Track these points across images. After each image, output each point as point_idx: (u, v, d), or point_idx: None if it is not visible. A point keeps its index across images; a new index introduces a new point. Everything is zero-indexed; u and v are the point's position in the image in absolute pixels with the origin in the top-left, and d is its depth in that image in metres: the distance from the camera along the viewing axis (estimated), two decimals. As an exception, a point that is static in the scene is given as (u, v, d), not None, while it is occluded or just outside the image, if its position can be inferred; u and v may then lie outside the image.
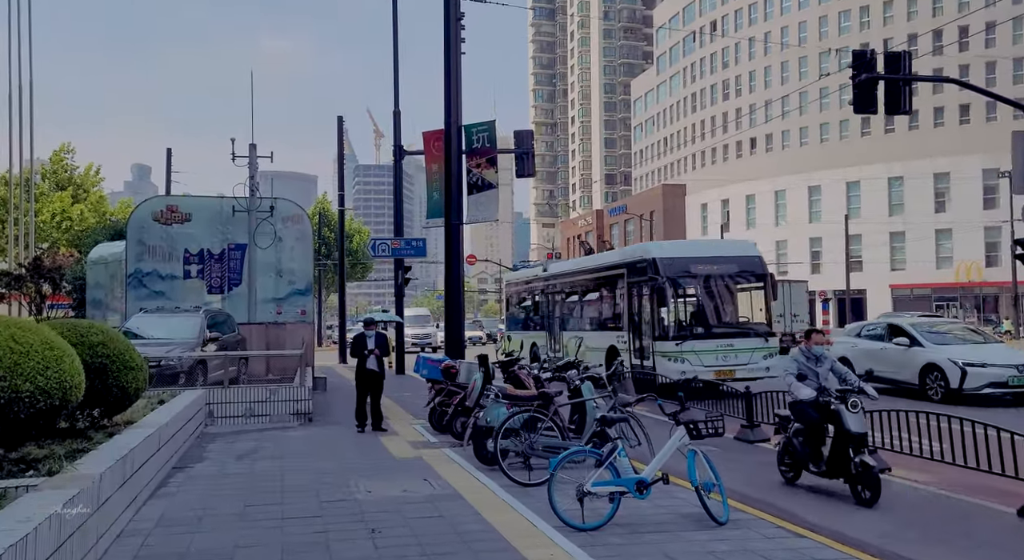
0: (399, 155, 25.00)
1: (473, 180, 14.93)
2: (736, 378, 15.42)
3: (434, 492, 7.94)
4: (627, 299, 17.51)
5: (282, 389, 13.81)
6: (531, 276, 25.52)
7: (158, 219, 19.79)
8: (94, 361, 7.90)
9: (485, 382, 9.66)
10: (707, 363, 15.70)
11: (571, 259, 25.54)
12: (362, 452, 10.55)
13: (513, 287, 27.38)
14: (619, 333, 17.85)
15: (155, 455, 8.15)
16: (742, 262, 17.07)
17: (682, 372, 14.74)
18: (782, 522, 6.63)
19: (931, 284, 64.39)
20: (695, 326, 16.26)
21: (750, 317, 17.09)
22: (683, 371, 14.96)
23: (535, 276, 24.91)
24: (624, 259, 18.26)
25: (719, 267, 16.67)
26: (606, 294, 19.32)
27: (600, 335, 19.05)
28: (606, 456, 6.40)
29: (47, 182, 45.47)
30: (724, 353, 15.94)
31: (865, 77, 18.49)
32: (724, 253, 17.44)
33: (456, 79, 14.24)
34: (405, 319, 40.55)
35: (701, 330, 16.22)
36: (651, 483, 6.41)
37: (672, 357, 15.69)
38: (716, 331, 16.27)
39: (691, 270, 16.47)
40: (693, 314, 16.46)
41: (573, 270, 22.07)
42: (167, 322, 16.32)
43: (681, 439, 6.59)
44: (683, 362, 15.53)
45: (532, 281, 25.10)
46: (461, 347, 14.68)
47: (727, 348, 15.99)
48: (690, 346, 15.74)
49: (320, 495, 7.87)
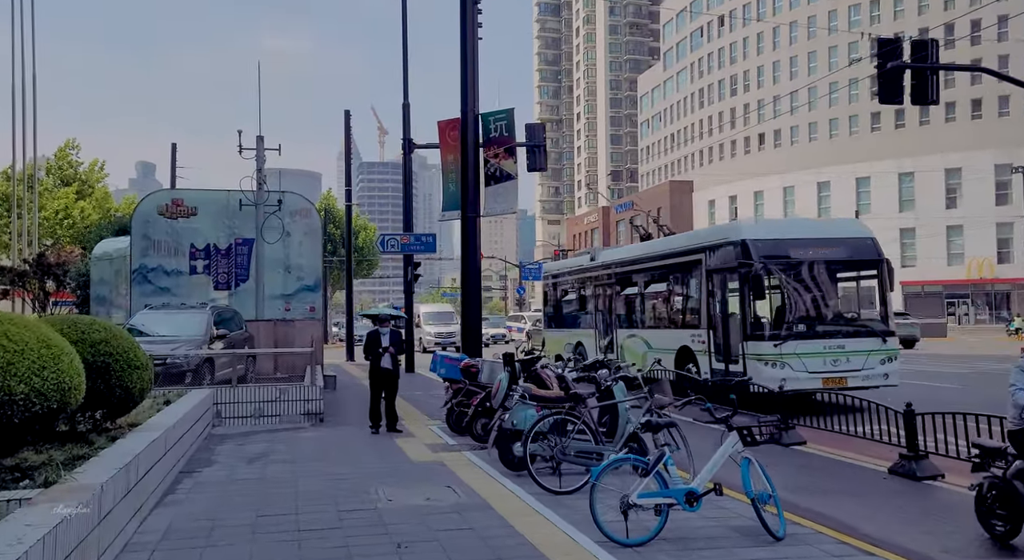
0: (408, 148, 24.46)
1: (491, 171, 14.33)
2: (848, 388, 12.73)
3: (459, 500, 7.41)
4: (706, 290, 14.82)
5: (292, 388, 13.31)
6: (576, 267, 22.54)
7: (163, 213, 19.29)
8: (96, 360, 7.39)
9: (511, 382, 9.12)
10: (813, 369, 13.06)
11: (626, 245, 22.44)
12: (379, 455, 10.03)
13: (553, 280, 24.39)
14: (694, 331, 15.21)
15: (161, 460, 7.64)
16: (852, 245, 14.27)
17: (782, 379, 12.09)
18: (845, 537, 6.09)
19: (942, 281, 63.74)
20: (798, 323, 13.49)
21: (859, 312, 14.61)
22: (783, 378, 12.30)
23: (581, 266, 21.93)
24: (702, 242, 15.43)
25: (825, 251, 13.91)
26: (676, 285, 16.62)
27: (668, 334, 16.44)
28: (653, 464, 5.86)
29: (51, 178, 45.03)
30: (834, 356, 13.28)
31: (892, 66, 17.99)
32: (830, 234, 14.58)
33: (473, 64, 13.67)
34: (425, 316, 40.13)
35: (805, 328, 13.48)
36: (702, 494, 5.87)
37: (770, 361, 13.05)
38: (824, 329, 13.56)
39: (791, 254, 13.71)
40: (795, 308, 13.62)
41: (631, 258, 19.01)
42: (173, 319, 15.81)
43: (734, 446, 6.05)
44: (783, 367, 12.90)
45: (577, 272, 22.22)
46: (479, 344, 14.12)
47: (837, 350, 13.32)
48: (792, 347, 13.10)
49: (338, 503, 7.34)
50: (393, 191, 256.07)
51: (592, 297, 21.11)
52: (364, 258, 62.33)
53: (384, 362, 11.87)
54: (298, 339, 18.81)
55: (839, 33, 73.47)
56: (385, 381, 11.94)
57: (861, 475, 8.72)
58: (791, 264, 13.69)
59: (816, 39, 76.07)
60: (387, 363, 11.89)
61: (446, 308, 47.16)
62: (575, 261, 23.32)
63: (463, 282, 14.32)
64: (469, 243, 13.91)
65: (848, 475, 8.74)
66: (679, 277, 16.42)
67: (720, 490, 5.91)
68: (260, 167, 19.05)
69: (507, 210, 14.84)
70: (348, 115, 32.25)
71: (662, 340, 16.63)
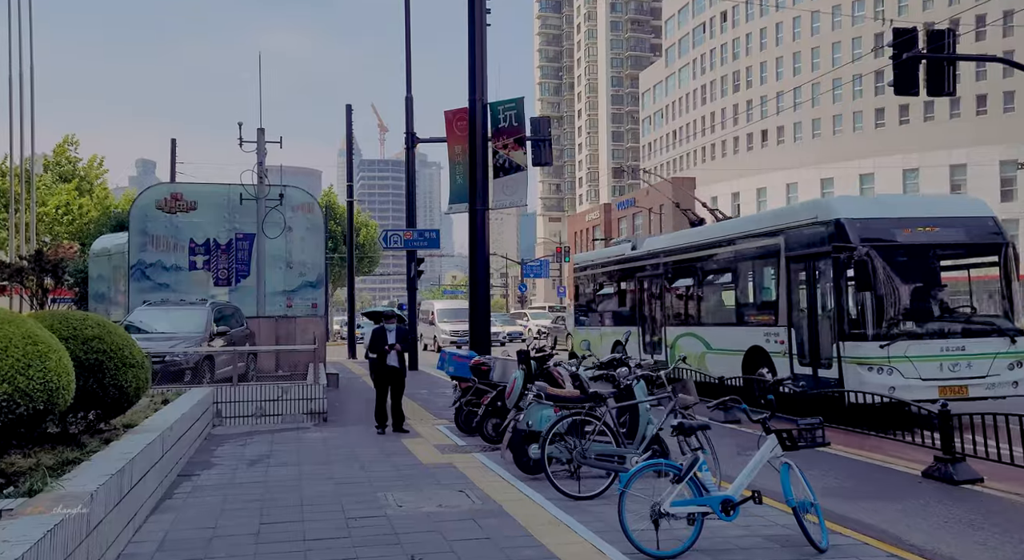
0: (411, 142, 24.00)
1: (500, 162, 13.87)
2: (969, 397, 11.01)
3: (474, 506, 6.99)
4: (785, 280, 12.68)
5: (295, 387, 12.88)
6: (613, 257, 20.10)
7: (162, 207, 18.87)
8: (88, 357, 6.97)
9: (526, 381, 8.68)
10: (927, 375, 10.96)
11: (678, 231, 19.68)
12: (386, 457, 9.60)
13: (586, 272, 21.88)
14: (769, 329, 13.11)
15: (158, 463, 7.22)
16: (972, 225, 11.89)
17: (890, 387, 10.54)
18: (892, 548, 5.66)
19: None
20: (909, 320, 11.30)
21: (977, 306, 12.34)
22: (891, 386, 10.62)
23: (620, 256, 19.47)
24: (780, 223, 13.23)
25: (940, 232, 11.66)
26: (745, 274, 14.39)
27: (733, 333, 14.29)
28: (686, 470, 5.43)
29: (50, 174, 44.60)
30: (953, 360, 11.10)
31: (908, 56, 17.55)
32: (945, 212, 12.16)
33: (481, 51, 13.21)
34: (440, 313, 39.62)
35: (918, 326, 11.29)
36: (739, 503, 5.44)
37: (875, 365, 10.92)
38: (941, 328, 11.38)
39: (897, 237, 11.43)
40: (905, 302, 11.38)
41: (685, 245, 16.57)
42: (171, 315, 15.41)
43: (772, 450, 5.62)
44: (891, 373, 10.84)
45: (615, 263, 19.78)
46: (488, 342, 13.66)
47: (957, 353, 11.14)
48: (902, 349, 10.92)
49: (345, 510, 6.92)
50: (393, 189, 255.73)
51: (634, 290, 18.66)
52: (365, 255, 61.93)
53: (390, 360, 11.45)
54: (300, 336, 18.39)
55: (843, 29, 73.01)
56: (391, 379, 11.51)
57: (893, 479, 8.29)
58: (899, 248, 11.42)
59: (819, 35, 75.61)
60: (393, 361, 11.46)
61: (462, 304, 45.86)
62: (612, 250, 20.98)
63: (471, 277, 13.87)
64: (478, 237, 13.47)
65: (879, 478, 8.31)
66: (749, 266, 14.25)
67: (759, 498, 5.47)
68: (261, 160, 18.60)
69: (517, 202, 14.37)
70: (350, 109, 31.81)
71: (726, 339, 14.53)
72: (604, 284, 20.85)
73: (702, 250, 15.76)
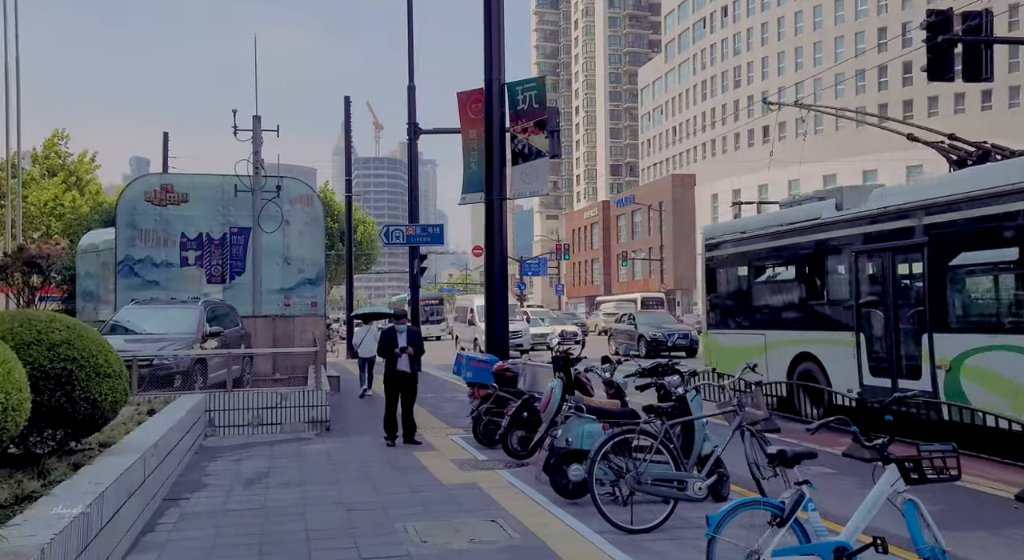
0: (414, 133, 22.91)
1: (519, 148, 12.75)
2: None
3: (512, 542, 5.92)
4: None
5: (294, 393, 11.79)
6: (790, 223, 12.90)
7: (151, 200, 17.76)
8: (54, 366, 5.88)
9: (564, 392, 7.60)
10: None
11: (941, 175, 12.11)
12: (400, 475, 8.52)
13: (733, 250, 14.59)
14: None
15: (138, 491, 6.14)
16: None
17: None
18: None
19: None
20: None
21: None
22: None
23: (807, 222, 12.43)
24: None
25: None
26: None
27: None
28: (790, 510, 4.38)
29: (39, 167, 43.36)
30: None
31: (943, 39, 16.52)
32: None
33: (498, 25, 12.10)
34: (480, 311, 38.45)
35: None
36: (857, 551, 4.38)
37: None
38: None
39: None
40: None
41: (969, 194, 9.36)
42: (161, 315, 14.30)
43: (893, 485, 4.54)
44: None
45: (795, 232, 12.73)
46: (505, 345, 12.50)
47: None
48: None
49: (359, 547, 5.85)
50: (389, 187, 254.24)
51: (844, 275, 11.81)
52: (362, 253, 60.84)
53: (401, 364, 10.39)
54: (299, 337, 17.29)
55: (845, 24, 72.07)
56: (402, 385, 10.45)
57: (982, 502, 7.25)
58: None
59: (821, 30, 74.65)
60: (404, 365, 10.40)
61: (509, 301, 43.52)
62: (793, 213, 13.07)
63: (487, 274, 12.75)
64: (494, 229, 12.38)
65: (967, 504, 7.25)
66: None
67: (884, 547, 4.38)
68: (257, 150, 17.50)
69: (537, 191, 13.22)
70: (348, 101, 30.72)
71: None
72: (765, 267, 13.95)
73: (987, 206, 9.12)
